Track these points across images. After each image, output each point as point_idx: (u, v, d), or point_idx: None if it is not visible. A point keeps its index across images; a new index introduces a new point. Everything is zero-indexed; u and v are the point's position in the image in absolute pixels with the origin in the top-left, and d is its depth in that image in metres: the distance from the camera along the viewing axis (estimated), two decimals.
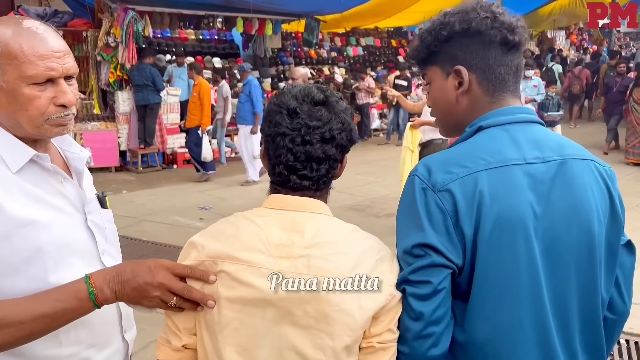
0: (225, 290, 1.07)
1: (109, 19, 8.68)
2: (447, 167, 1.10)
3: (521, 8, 17.07)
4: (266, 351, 1.06)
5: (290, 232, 1.09)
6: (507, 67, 1.17)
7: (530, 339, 1.05)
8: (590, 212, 1.11)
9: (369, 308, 1.04)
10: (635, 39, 27.76)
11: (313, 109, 1.10)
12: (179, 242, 5.44)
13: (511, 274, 1.05)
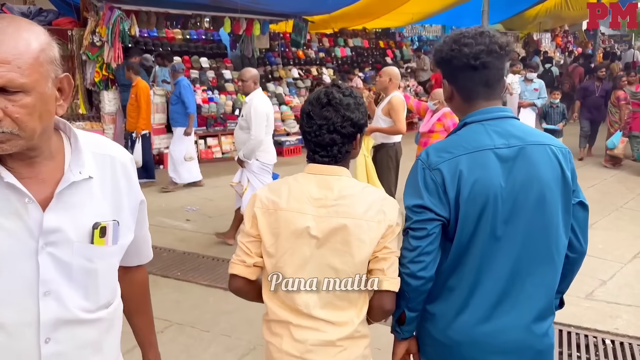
0: (284, 229, 1.61)
1: (95, 17, 8.57)
2: (439, 152, 1.61)
3: (508, 10, 17.28)
4: (311, 267, 1.63)
5: (324, 190, 1.62)
6: (475, 81, 1.63)
7: (491, 268, 1.58)
8: (542, 182, 1.56)
9: (375, 237, 1.59)
10: (619, 41, 28.10)
11: (321, 111, 1.61)
12: (165, 243, 5.39)
13: (478, 223, 1.55)
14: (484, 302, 1.59)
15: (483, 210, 1.55)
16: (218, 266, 4.83)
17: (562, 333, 3.67)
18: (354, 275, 1.63)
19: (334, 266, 1.62)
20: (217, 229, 5.89)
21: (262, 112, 4.93)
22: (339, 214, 1.59)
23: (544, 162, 1.57)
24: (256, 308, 4.08)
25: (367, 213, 1.59)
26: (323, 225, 1.59)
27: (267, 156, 5.15)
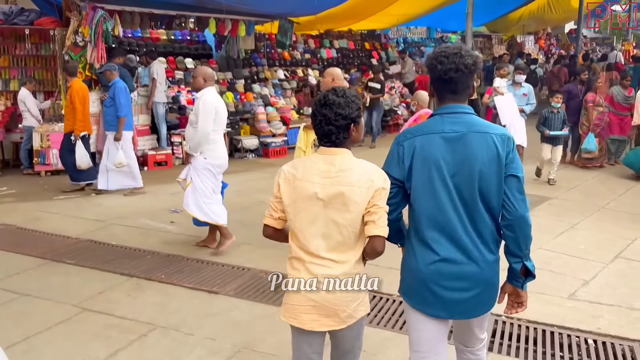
0: (299, 194, 2.19)
1: (77, 17, 8.47)
2: (406, 134, 2.22)
3: (492, 13, 17.45)
4: (320, 222, 2.18)
5: (328, 165, 2.18)
6: (444, 88, 2.20)
7: (438, 218, 2.14)
8: (477, 159, 2.10)
9: (366, 198, 2.13)
10: (600, 44, 28.50)
11: (321, 109, 2.19)
12: (150, 246, 5.34)
13: (426, 185, 2.14)
14: (436, 244, 2.16)
15: (429, 175, 2.14)
16: (203, 268, 4.80)
17: (546, 333, 3.70)
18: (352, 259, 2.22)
19: (336, 220, 2.17)
20: (202, 231, 5.84)
21: (211, 105, 4.88)
22: (339, 183, 2.16)
23: (480, 145, 2.12)
24: (241, 310, 4.07)
25: (359, 181, 2.14)
26: (327, 191, 2.16)
27: (214, 156, 5.04)
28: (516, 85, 8.01)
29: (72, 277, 4.61)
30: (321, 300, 2.22)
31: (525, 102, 7.89)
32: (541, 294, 4.29)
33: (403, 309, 2.40)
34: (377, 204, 2.14)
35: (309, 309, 2.24)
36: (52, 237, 5.67)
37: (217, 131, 5.01)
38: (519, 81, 8.02)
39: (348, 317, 2.23)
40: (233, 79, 11.42)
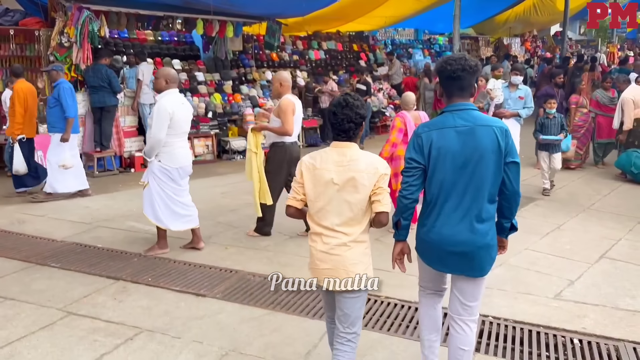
0: (318, 180, 2.65)
1: (63, 18, 8.39)
2: (424, 127, 2.72)
3: (478, 15, 17.57)
4: (334, 202, 2.62)
5: (341, 156, 2.65)
6: (452, 86, 2.70)
7: (450, 198, 2.66)
8: (482, 148, 2.60)
9: (372, 182, 2.60)
10: (586, 46, 28.85)
11: (342, 110, 2.65)
12: (136, 249, 5.30)
13: (440, 171, 2.63)
14: (447, 217, 2.68)
15: (444, 162, 2.65)
16: (190, 271, 4.76)
17: (532, 333, 3.73)
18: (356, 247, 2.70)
19: (348, 200, 2.65)
20: (189, 233, 5.80)
21: (165, 111, 4.81)
22: (350, 170, 2.63)
23: (485, 136, 2.62)
24: (228, 313, 4.05)
25: (367, 168, 2.63)
26: (341, 177, 2.64)
27: (171, 160, 4.98)
28: (512, 87, 7.35)
29: (57, 280, 4.56)
30: (332, 263, 2.71)
31: (521, 106, 7.23)
32: (527, 294, 4.32)
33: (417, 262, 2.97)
34: (381, 186, 2.65)
35: (327, 269, 2.73)
36: (36, 240, 5.60)
37: (173, 135, 4.93)
38: (516, 83, 7.34)
39: (348, 274, 2.72)
40: (221, 80, 11.38)
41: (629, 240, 5.65)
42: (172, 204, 5.10)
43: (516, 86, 7.32)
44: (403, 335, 3.69)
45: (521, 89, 7.33)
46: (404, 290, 4.32)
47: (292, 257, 5.10)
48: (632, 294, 4.34)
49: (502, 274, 4.73)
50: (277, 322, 3.83)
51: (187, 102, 5.21)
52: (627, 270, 4.87)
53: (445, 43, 19.07)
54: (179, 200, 5.14)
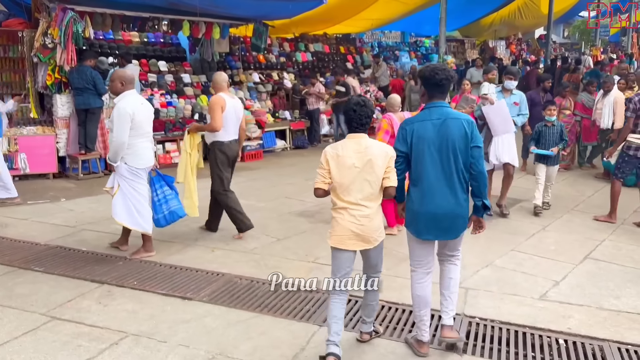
0: (342, 165, 3.25)
1: (47, 19, 8.29)
2: (408, 121, 3.41)
3: (464, 18, 17.71)
4: (357, 182, 3.23)
5: (357, 144, 3.27)
6: (436, 90, 3.37)
7: (429, 176, 3.30)
8: (453, 136, 3.25)
9: (384, 163, 3.25)
10: (569, 49, 29.22)
11: (361, 109, 3.30)
12: (122, 252, 5.24)
13: (421, 155, 3.29)
14: (424, 189, 3.33)
15: (423, 148, 3.30)
16: (176, 274, 4.72)
17: (518, 334, 3.75)
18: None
19: (367, 179, 3.26)
20: (176, 236, 5.77)
21: (125, 112, 4.80)
22: (367, 155, 3.25)
23: (455, 127, 3.28)
24: (215, 316, 4.02)
25: (379, 153, 3.27)
26: (360, 161, 3.25)
27: (137, 160, 4.96)
28: (506, 92, 6.72)
29: (40, 284, 4.49)
30: (359, 231, 3.28)
31: (516, 113, 6.69)
32: (513, 295, 4.35)
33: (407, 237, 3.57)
34: (390, 165, 3.29)
35: (353, 237, 3.30)
36: (19, 243, 5.52)
37: (136, 136, 4.91)
38: (509, 88, 6.70)
39: (374, 240, 3.34)
40: (207, 82, 11.33)
41: (612, 241, 5.72)
42: (145, 203, 5.07)
43: (510, 91, 6.71)
44: (390, 337, 3.70)
45: (515, 94, 6.72)
46: (392, 292, 4.33)
47: (279, 260, 5.09)
48: (615, 294, 4.39)
49: (488, 275, 4.76)
50: (264, 325, 3.82)
51: (147, 102, 5.20)
52: (611, 270, 4.92)
53: (432, 45, 19.19)
54: (146, 200, 5.11)
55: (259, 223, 6.23)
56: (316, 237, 5.78)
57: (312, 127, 12.08)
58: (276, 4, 9.95)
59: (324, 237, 5.74)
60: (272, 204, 7.10)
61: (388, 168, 3.28)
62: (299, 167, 9.60)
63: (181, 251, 5.32)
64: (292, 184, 8.29)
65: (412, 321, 3.86)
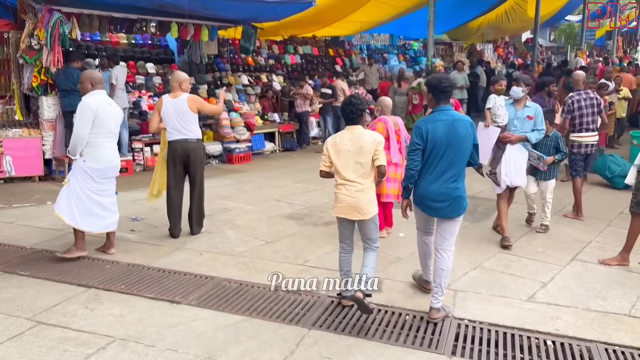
0: (339, 151, 3.98)
1: (33, 20, 8.20)
2: (423, 122, 3.98)
3: (452, 21, 17.83)
4: (351, 163, 3.94)
5: (351, 134, 3.98)
6: (442, 97, 3.98)
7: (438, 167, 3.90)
8: (460, 135, 3.88)
9: (372, 147, 3.92)
10: (556, 52, 29.53)
11: (347, 106, 4.02)
12: (109, 255, 5.19)
13: (434, 149, 3.87)
14: (430, 176, 3.91)
15: (435, 144, 3.85)
16: (164, 278, 4.69)
17: (506, 335, 3.77)
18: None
19: (359, 161, 3.91)
20: (164, 239, 5.72)
21: (89, 108, 4.81)
22: (359, 142, 3.90)
23: (461, 127, 3.89)
24: (204, 320, 3.99)
25: (369, 140, 3.91)
26: (354, 147, 3.91)
27: (95, 160, 4.94)
28: (518, 104, 5.76)
29: (25, 289, 4.43)
30: (353, 203, 3.95)
31: (530, 127, 5.68)
32: (502, 297, 4.37)
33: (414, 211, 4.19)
34: (378, 149, 3.92)
35: (349, 207, 3.97)
36: (4, 247, 5.44)
37: (98, 134, 4.90)
38: (517, 97, 5.72)
39: (367, 212, 3.98)
40: (196, 84, 11.28)
41: (598, 243, 5.77)
42: (90, 204, 5.02)
43: (523, 103, 5.75)
44: (380, 339, 3.69)
45: (530, 106, 5.76)
46: (380, 294, 4.33)
47: (268, 263, 5.07)
48: (602, 296, 4.43)
49: (477, 277, 4.78)
50: (253, 329, 3.80)
51: (115, 105, 5.18)
52: (598, 272, 4.97)
53: (420, 48, 19.28)
54: (98, 201, 5.06)
55: (248, 226, 6.21)
56: (305, 239, 5.77)
57: (301, 129, 12.07)
58: (265, 6, 9.94)
59: (313, 239, 5.76)
60: (260, 207, 7.08)
61: (376, 152, 3.91)
62: (288, 170, 9.59)
63: (169, 254, 5.28)
64: (281, 187, 8.27)
65: (401, 323, 3.92)
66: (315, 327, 3.82)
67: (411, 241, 5.67)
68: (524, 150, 5.81)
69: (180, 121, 5.57)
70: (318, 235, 5.92)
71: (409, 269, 4.91)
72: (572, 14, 29.17)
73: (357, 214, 3.95)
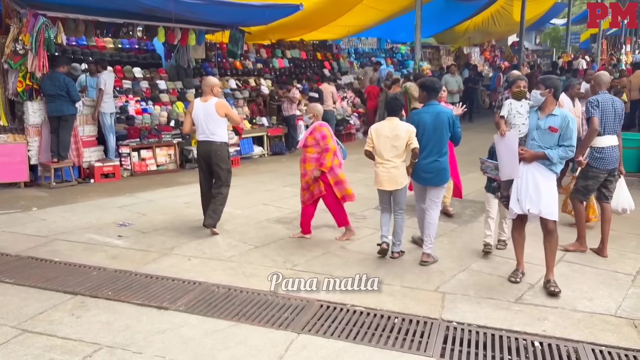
0: (380, 136, 5.25)
1: (18, 24, 8.13)
2: (414, 114, 5.40)
3: (439, 25, 17.95)
4: (388, 146, 5.20)
5: (390, 123, 5.24)
6: (433, 95, 5.33)
7: (428, 147, 5.18)
8: (442, 122, 5.17)
9: (407, 135, 5.14)
10: (542, 56, 29.82)
11: (393, 101, 5.41)
12: (95, 262, 5.14)
13: (424, 133, 5.18)
14: (425, 156, 5.11)
15: (425, 129, 5.14)
16: (152, 284, 4.65)
17: (495, 337, 3.79)
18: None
19: (394, 145, 5.12)
20: (151, 245, 5.68)
21: None
22: (395, 130, 5.12)
23: (444, 117, 5.13)
24: (192, 326, 3.96)
25: (403, 129, 5.12)
26: (391, 133, 5.12)
27: None
28: (542, 111, 4.52)
29: (10, 297, 4.37)
30: (389, 178, 5.18)
31: (553, 142, 4.44)
32: (489, 299, 4.39)
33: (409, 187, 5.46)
34: (411, 136, 5.07)
35: (386, 181, 5.21)
36: None
37: None
38: (538, 102, 4.55)
39: (400, 183, 5.19)
40: (183, 89, 11.24)
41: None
42: None
43: (548, 110, 4.48)
44: (369, 343, 3.69)
45: (557, 115, 4.45)
46: (369, 297, 4.33)
47: (257, 268, 5.05)
48: (589, 297, 4.47)
49: (465, 279, 4.80)
50: (242, 334, 3.78)
51: None
52: (584, 273, 5.01)
53: (408, 52, 19.38)
54: None
55: (236, 230, 6.19)
56: (294, 243, 5.76)
57: (289, 133, 12.06)
58: (252, 10, 9.94)
59: (302, 243, 5.76)
60: (249, 211, 7.06)
61: (410, 138, 5.08)
62: (277, 174, 9.57)
63: (157, 260, 5.24)
64: (270, 191, 8.25)
65: (390, 326, 3.92)
66: (304, 332, 3.81)
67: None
68: (545, 171, 4.50)
69: (207, 124, 5.93)
70: (307, 239, 5.91)
71: (398, 271, 4.92)
72: (557, 18, 29.50)
73: (391, 185, 5.20)
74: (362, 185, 8.47)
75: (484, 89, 17.30)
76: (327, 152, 5.69)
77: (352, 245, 5.74)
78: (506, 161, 4.67)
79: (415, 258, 5.27)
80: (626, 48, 26.62)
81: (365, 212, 7.03)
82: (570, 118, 4.49)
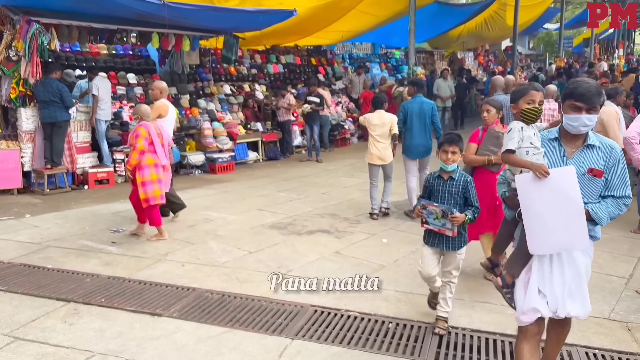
0: (371, 123, 7.01)
1: (11, 31, 8.11)
2: (404, 104, 7.28)
3: (433, 30, 18.03)
4: (377, 130, 6.99)
5: (378, 114, 7.01)
6: (420, 90, 7.24)
7: (414, 127, 7.00)
8: (426, 111, 7.01)
9: (390, 122, 6.96)
10: (535, 60, 30.00)
11: (377, 99, 7.35)
12: (88, 269, 5.12)
13: (411, 118, 6.99)
14: (412, 135, 6.97)
15: (412, 116, 6.94)
16: (145, 290, 4.63)
17: (489, 341, 3.79)
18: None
19: (382, 129, 6.87)
20: (145, 251, 5.66)
21: None
22: (381, 119, 6.90)
23: (427, 106, 6.99)
24: (185, 332, 3.95)
25: (387, 118, 6.91)
26: (380, 121, 6.90)
27: None
28: (568, 142, 2.82)
29: (3, 304, 4.34)
30: (378, 154, 6.87)
31: (595, 192, 2.78)
32: (484, 303, 4.40)
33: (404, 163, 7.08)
34: (394, 124, 6.79)
35: (376, 157, 6.89)
36: None
37: None
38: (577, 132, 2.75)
39: (387, 157, 6.89)
40: (178, 94, 11.23)
41: None
42: None
43: (581, 140, 2.80)
44: (363, 348, 3.69)
45: (597, 145, 2.79)
46: (363, 302, 4.32)
47: (251, 273, 5.04)
48: None
49: (459, 283, 4.78)
50: (235, 340, 3.76)
51: None
52: None
53: (402, 57, 19.44)
54: None
55: (231, 236, 6.18)
56: (288, 249, 5.76)
57: (284, 138, 12.07)
58: (246, 15, 9.95)
59: (297, 248, 5.75)
60: (243, 217, 7.05)
61: (392, 125, 6.78)
62: (272, 179, 9.57)
63: (151, 266, 5.22)
64: (264, 196, 8.25)
65: (384, 331, 3.91)
66: (298, 337, 3.80)
67: (394, 249, 5.71)
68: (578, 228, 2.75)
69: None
70: (301, 244, 5.91)
71: (392, 276, 4.92)
72: (550, 22, 29.71)
73: (380, 161, 6.88)
74: (356, 190, 8.48)
75: (477, 93, 17.35)
76: (134, 150, 5.92)
77: (346, 250, 5.74)
78: (546, 220, 2.74)
79: (409, 262, 5.28)
80: (619, 52, 26.83)
81: (360, 216, 7.03)
82: (618, 152, 2.77)
